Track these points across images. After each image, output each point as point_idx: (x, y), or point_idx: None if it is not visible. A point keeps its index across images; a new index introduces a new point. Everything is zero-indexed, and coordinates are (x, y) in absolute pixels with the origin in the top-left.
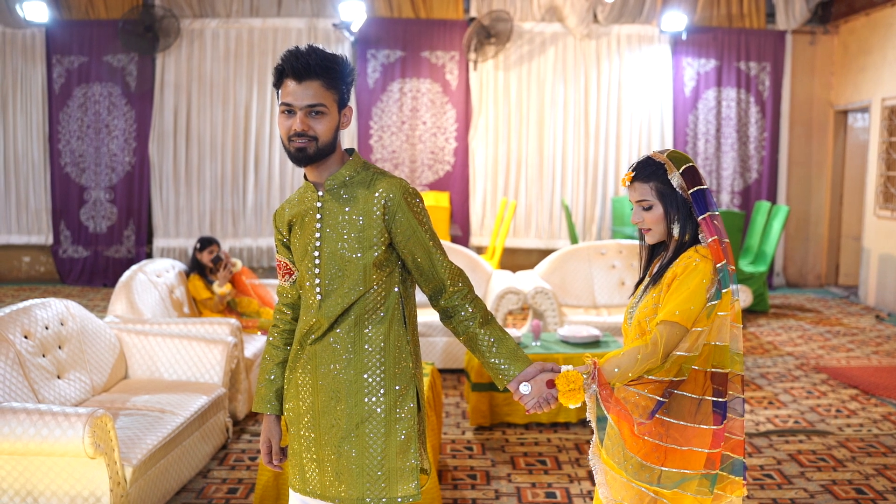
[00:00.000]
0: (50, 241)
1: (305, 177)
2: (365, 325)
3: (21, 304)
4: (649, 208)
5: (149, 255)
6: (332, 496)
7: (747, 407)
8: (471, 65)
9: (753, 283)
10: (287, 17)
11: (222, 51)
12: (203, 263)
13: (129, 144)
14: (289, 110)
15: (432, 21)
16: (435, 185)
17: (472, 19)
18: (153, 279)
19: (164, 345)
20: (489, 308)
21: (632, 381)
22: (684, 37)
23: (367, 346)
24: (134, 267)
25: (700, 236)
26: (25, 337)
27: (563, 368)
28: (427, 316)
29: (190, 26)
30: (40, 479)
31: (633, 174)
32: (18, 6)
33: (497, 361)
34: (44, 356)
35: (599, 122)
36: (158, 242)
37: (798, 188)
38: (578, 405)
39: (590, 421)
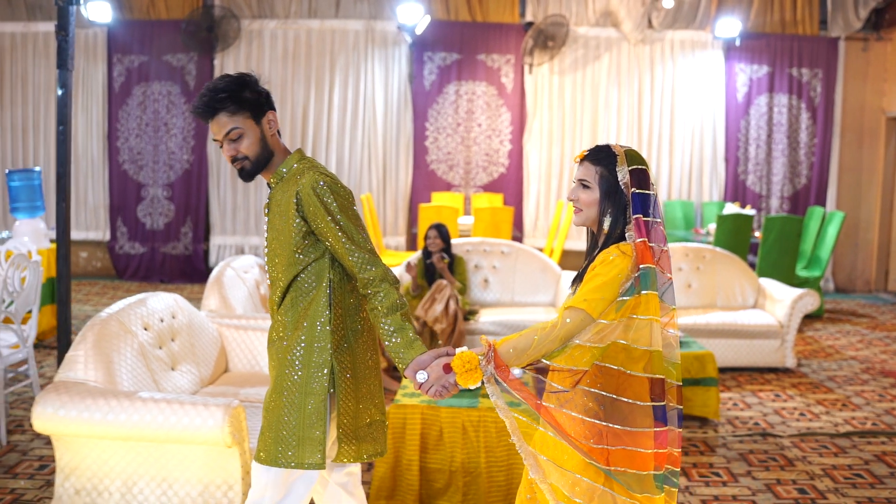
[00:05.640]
0: (107, 237)
1: None
2: (298, 307)
3: (136, 297)
4: (587, 188)
5: (206, 253)
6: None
7: (822, 409)
8: (526, 68)
9: (808, 287)
10: (345, 18)
11: (280, 51)
12: None
13: (187, 143)
14: (218, 142)
15: (488, 24)
16: (489, 187)
17: (529, 23)
18: (241, 275)
19: (262, 339)
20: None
21: (529, 364)
22: (738, 43)
23: (295, 326)
24: (222, 263)
25: (627, 234)
26: (145, 329)
27: (458, 350)
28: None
29: (249, 27)
30: (175, 465)
31: (586, 153)
32: (82, 7)
33: (395, 350)
34: (160, 348)
35: (653, 126)
36: (215, 240)
37: (848, 194)
38: (477, 386)
39: (496, 400)
